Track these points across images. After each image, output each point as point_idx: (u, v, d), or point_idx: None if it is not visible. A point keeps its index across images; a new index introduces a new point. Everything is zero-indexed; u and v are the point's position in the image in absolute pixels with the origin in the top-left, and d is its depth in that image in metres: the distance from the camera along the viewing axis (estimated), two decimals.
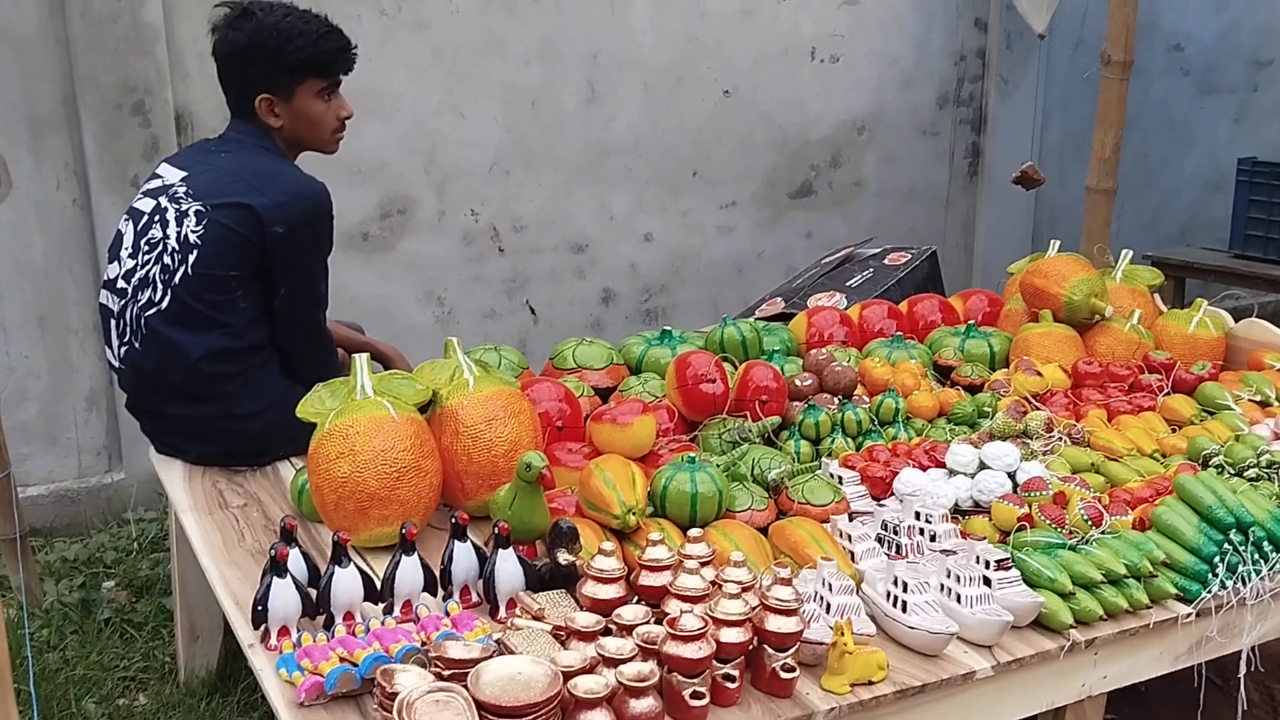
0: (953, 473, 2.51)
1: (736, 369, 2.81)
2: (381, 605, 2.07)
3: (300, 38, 2.67)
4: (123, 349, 2.68)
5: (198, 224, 2.57)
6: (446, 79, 4.59)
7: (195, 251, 2.57)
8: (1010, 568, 2.13)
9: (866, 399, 2.84)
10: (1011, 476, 2.47)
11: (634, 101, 4.94)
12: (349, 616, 2.03)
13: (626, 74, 4.90)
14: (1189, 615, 2.20)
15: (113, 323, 2.69)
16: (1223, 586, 2.22)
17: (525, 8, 4.65)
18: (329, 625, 2.02)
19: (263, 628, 1.98)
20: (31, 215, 4.07)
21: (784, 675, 1.89)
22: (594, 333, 5.05)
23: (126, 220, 2.71)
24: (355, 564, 2.04)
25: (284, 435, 2.63)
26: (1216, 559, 2.23)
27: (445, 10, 4.52)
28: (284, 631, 1.98)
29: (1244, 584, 2.24)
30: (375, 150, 4.52)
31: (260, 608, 1.97)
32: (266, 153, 2.69)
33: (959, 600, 2.07)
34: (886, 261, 4.17)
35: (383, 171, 4.56)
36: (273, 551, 1.98)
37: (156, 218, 2.63)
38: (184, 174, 2.67)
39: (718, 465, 2.40)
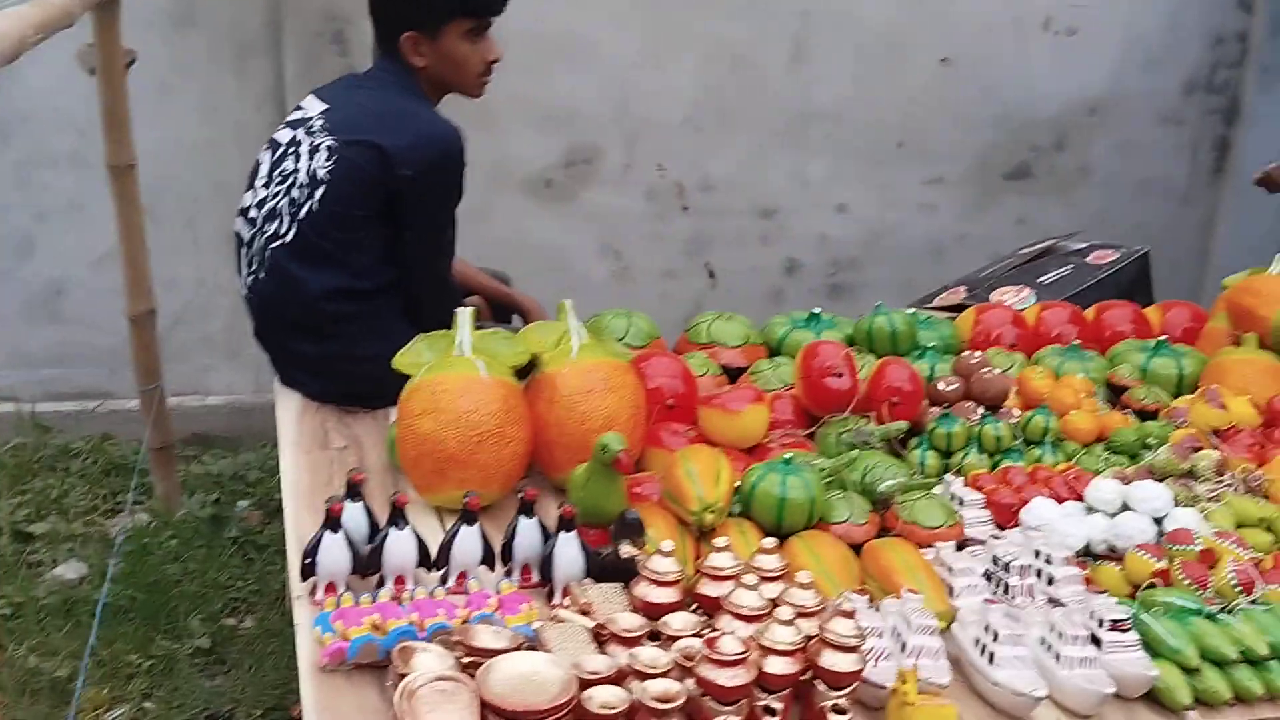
0: (1091, 510, 2.23)
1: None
2: (438, 574, 2.00)
3: None
4: (250, 278, 2.70)
5: (328, 159, 2.55)
6: (646, 28, 4.45)
7: (323, 187, 2.55)
8: (1129, 630, 1.87)
9: (1017, 413, 2.57)
10: (1160, 523, 2.18)
11: (843, 64, 4.67)
12: (400, 580, 1.96)
13: (838, 35, 4.63)
14: None
15: (243, 251, 2.72)
16: None
17: None
18: (380, 586, 1.96)
19: (311, 581, 1.94)
20: (230, 135, 4.21)
21: (834, 717, 1.71)
22: (775, 303, 4.86)
23: (266, 149, 2.71)
24: (412, 528, 1.97)
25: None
26: None
27: None
28: (331, 588, 1.94)
29: None
30: (567, 97, 4.44)
31: (309, 560, 1.93)
32: (407, 93, 2.63)
33: (1058, 659, 1.83)
34: (1090, 259, 3.80)
35: (572, 119, 4.49)
36: (327, 506, 1.93)
37: (291, 150, 2.62)
38: (325, 107, 2.66)
39: (821, 469, 2.21)
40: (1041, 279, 3.68)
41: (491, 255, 4.13)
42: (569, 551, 1.98)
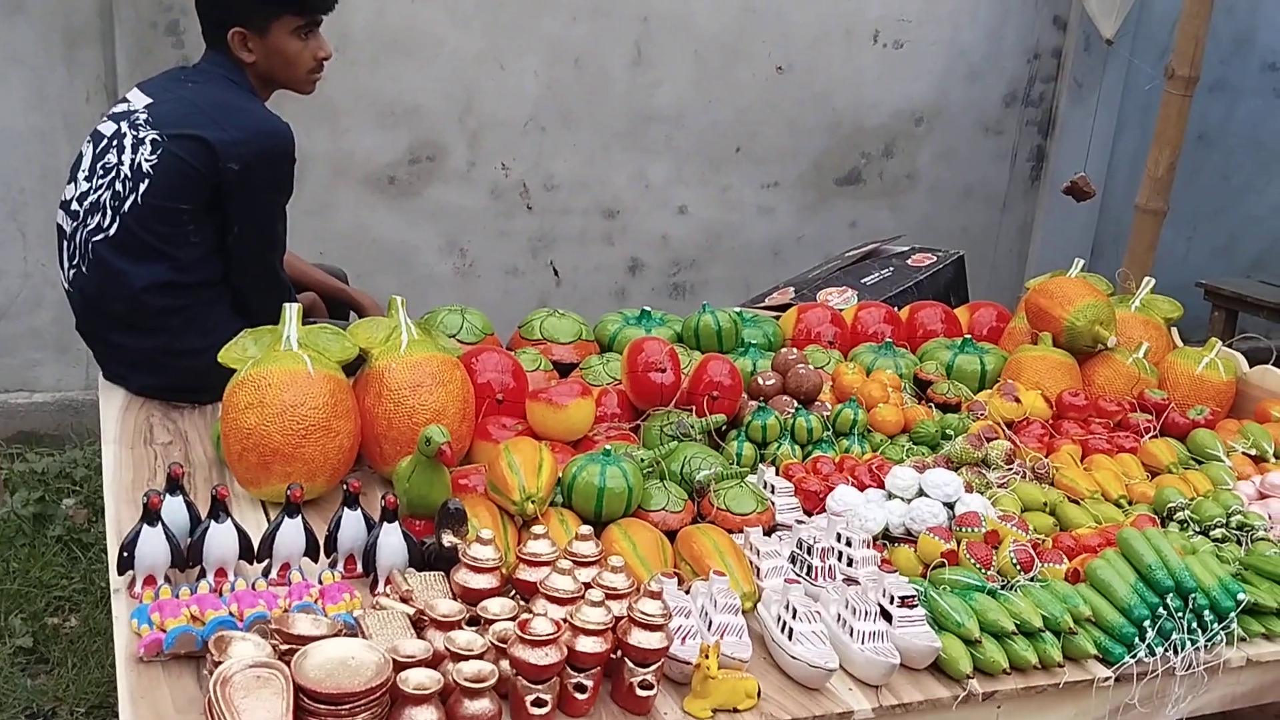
0: (891, 496, 2.38)
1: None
2: (261, 566, 2.02)
3: None
4: (71, 272, 2.67)
5: (152, 153, 2.54)
6: (489, 28, 4.51)
7: (147, 181, 2.54)
8: (915, 605, 2.01)
9: (829, 406, 2.71)
10: (951, 507, 2.34)
11: (682, 69, 4.80)
12: (221, 573, 1.98)
13: (677, 40, 4.76)
14: (1107, 679, 2.05)
15: (64, 244, 2.68)
16: (1151, 653, 2.07)
17: None
18: (201, 579, 1.98)
19: (129, 574, 1.95)
20: (60, 125, 4.11)
21: (640, 692, 1.80)
22: (619, 300, 4.97)
23: (88, 142, 2.68)
24: (233, 521, 2.00)
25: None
26: (1147, 623, 2.08)
27: None
28: (150, 581, 1.95)
29: (1176, 653, 2.09)
30: (410, 93, 4.47)
31: (126, 554, 1.93)
32: (234, 87, 2.63)
33: (851, 634, 1.96)
34: (910, 262, 4.00)
35: (415, 115, 4.51)
36: (145, 499, 1.94)
37: (114, 143, 2.60)
38: (149, 100, 2.64)
39: (641, 460, 2.31)
40: (865, 280, 3.87)
41: (334, 251, 4.13)
42: (391, 541, 2.03)
